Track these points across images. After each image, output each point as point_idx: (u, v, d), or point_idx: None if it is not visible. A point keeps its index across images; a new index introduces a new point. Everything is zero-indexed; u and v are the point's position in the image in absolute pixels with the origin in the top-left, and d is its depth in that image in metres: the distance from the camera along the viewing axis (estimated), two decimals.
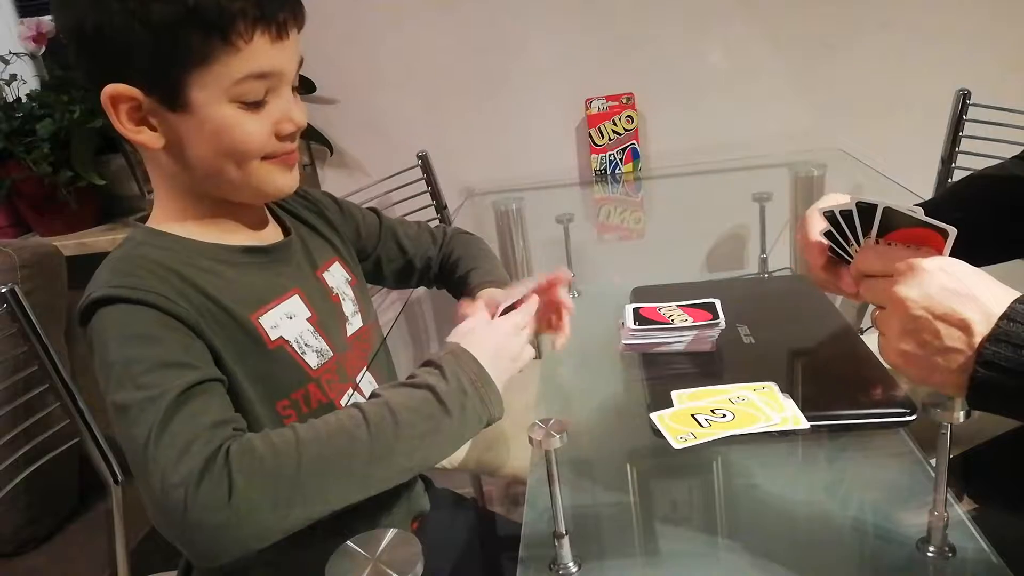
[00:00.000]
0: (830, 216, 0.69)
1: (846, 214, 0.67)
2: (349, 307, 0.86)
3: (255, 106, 0.70)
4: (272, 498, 0.61)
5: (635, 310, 0.95)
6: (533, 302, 0.80)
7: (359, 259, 0.96)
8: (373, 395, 0.69)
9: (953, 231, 0.59)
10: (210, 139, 0.70)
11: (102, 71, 0.67)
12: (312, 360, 0.77)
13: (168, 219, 0.75)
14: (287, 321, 0.77)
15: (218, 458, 0.61)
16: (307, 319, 0.79)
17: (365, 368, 0.86)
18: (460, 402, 0.68)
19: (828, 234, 0.72)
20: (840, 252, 0.72)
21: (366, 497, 0.66)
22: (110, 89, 0.67)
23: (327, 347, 0.79)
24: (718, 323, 0.89)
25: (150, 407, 0.62)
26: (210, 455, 0.61)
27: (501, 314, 0.77)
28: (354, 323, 0.86)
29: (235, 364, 0.71)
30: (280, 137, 0.73)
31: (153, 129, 0.70)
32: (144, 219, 0.77)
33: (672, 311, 0.93)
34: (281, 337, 0.75)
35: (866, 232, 0.66)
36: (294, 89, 0.74)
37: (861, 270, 0.64)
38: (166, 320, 0.66)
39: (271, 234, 0.83)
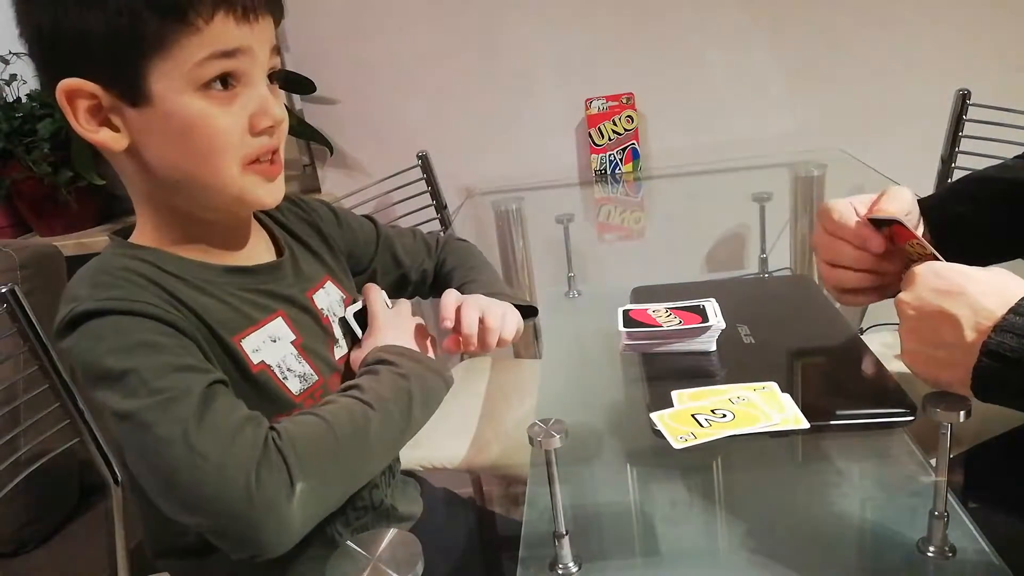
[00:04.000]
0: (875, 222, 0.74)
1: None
2: (339, 328, 0.82)
3: (225, 95, 0.64)
4: (323, 479, 0.63)
5: (625, 312, 0.94)
6: (369, 287, 0.85)
7: (354, 272, 0.92)
8: (346, 388, 0.71)
9: (917, 234, 0.67)
10: (177, 137, 0.63)
11: (58, 68, 0.62)
12: (294, 386, 0.73)
13: (147, 235, 0.71)
14: (270, 345, 0.72)
15: (269, 447, 0.60)
16: (291, 342, 0.74)
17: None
18: (416, 373, 0.74)
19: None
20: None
21: (380, 470, 0.71)
22: (66, 84, 0.61)
23: (311, 371, 0.75)
24: (709, 326, 0.89)
25: (175, 406, 0.59)
26: (263, 443, 0.60)
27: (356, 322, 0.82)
28: (344, 345, 0.82)
29: (230, 382, 0.69)
30: (255, 132, 0.66)
31: (115, 130, 0.64)
32: (124, 233, 0.73)
33: (662, 314, 0.93)
34: (263, 361, 0.71)
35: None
36: (272, 81, 0.69)
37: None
38: (163, 328, 0.63)
39: (260, 253, 0.78)
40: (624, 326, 0.91)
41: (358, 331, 0.82)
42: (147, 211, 0.71)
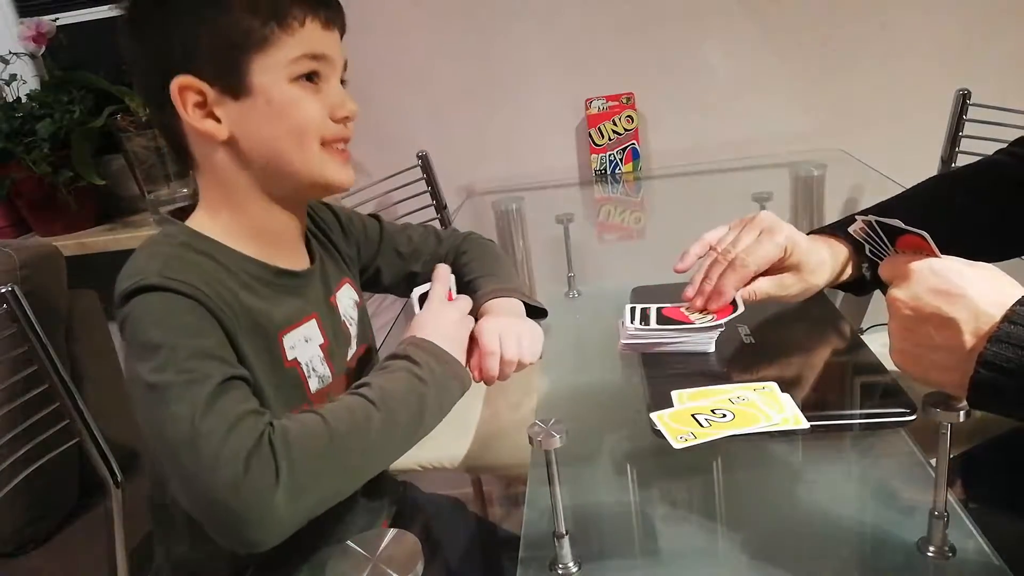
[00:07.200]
0: (863, 230, 0.71)
1: (865, 230, 0.70)
2: (354, 330, 0.88)
3: (312, 87, 0.75)
4: (313, 475, 0.64)
5: (643, 310, 0.94)
6: (441, 271, 0.87)
7: (360, 272, 0.97)
8: (357, 386, 0.73)
9: (926, 233, 0.61)
10: (274, 118, 0.74)
11: (169, 64, 0.71)
12: (313, 384, 0.80)
13: (210, 225, 0.77)
14: (303, 344, 0.79)
15: (263, 441, 0.63)
16: (320, 345, 0.81)
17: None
18: (434, 379, 0.74)
19: (870, 250, 0.73)
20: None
21: (383, 469, 0.72)
22: (180, 80, 0.71)
23: (329, 374, 0.82)
24: (722, 324, 0.89)
25: (194, 387, 0.64)
26: (258, 436, 0.63)
27: (419, 304, 0.84)
28: (353, 346, 0.88)
29: (260, 374, 0.73)
30: (335, 120, 0.77)
31: (218, 121, 0.73)
32: (176, 214, 0.79)
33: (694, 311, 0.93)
34: (296, 359, 0.78)
35: (886, 245, 0.68)
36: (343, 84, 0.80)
37: (882, 278, 0.66)
38: (211, 319, 0.69)
39: (301, 260, 0.85)
40: (642, 322, 0.91)
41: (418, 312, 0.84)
42: (218, 204, 0.78)
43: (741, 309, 0.89)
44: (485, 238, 1.06)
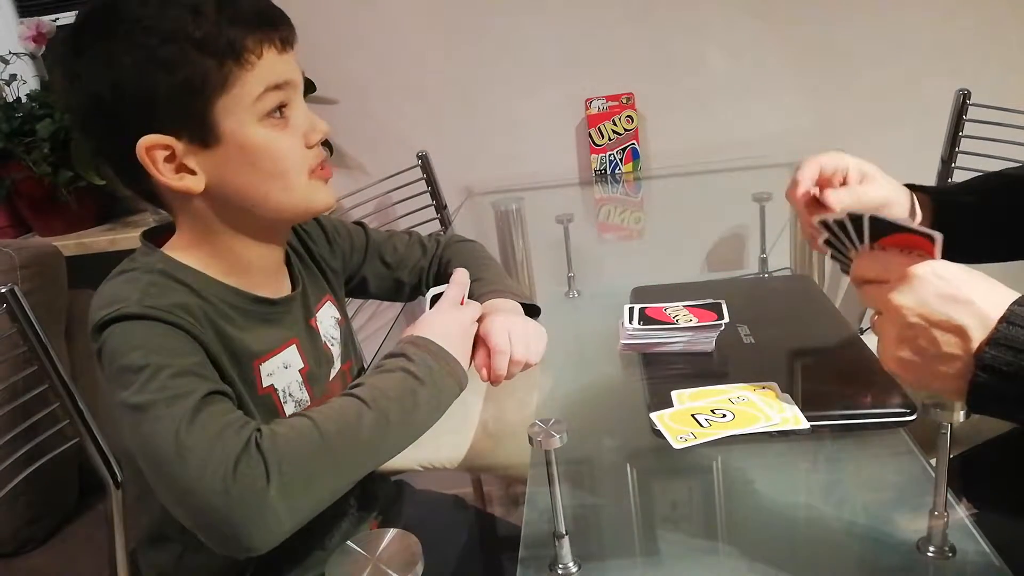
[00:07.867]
0: (825, 223, 0.69)
1: (840, 222, 0.67)
2: (336, 350, 0.87)
3: (282, 121, 0.72)
4: (304, 475, 0.64)
5: (641, 310, 0.94)
6: (461, 275, 0.85)
7: (345, 281, 0.96)
8: (351, 387, 0.72)
9: (939, 236, 0.59)
10: (251, 164, 0.71)
11: (129, 129, 0.68)
12: (289, 410, 0.79)
13: (186, 255, 0.76)
14: (282, 370, 0.79)
15: (250, 446, 0.63)
16: (299, 370, 0.80)
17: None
18: (430, 377, 0.73)
19: (827, 241, 0.72)
20: (840, 258, 0.71)
21: (379, 467, 0.71)
22: (145, 141, 0.68)
23: (308, 398, 0.81)
24: (722, 324, 0.89)
25: (177, 403, 0.64)
26: (245, 441, 0.63)
27: (430, 305, 0.83)
28: (336, 365, 0.87)
29: (239, 398, 0.73)
30: (309, 146, 0.75)
31: (192, 173, 0.71)
32: (151, 235, 0.78)
33: (677, 311, 0.93)
34: (272, 385, 0.77)
35: (860, 239, 0.66)
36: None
37: (859, 276, 0.64)
38: (192, 342, 0.69)
39: (281, 287, 0.83)
40: (639, 322, 0.91)
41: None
42: (196, 240, 0.76)
43: (723, 320, 0.89)
44: (469, 240, 1.04)
